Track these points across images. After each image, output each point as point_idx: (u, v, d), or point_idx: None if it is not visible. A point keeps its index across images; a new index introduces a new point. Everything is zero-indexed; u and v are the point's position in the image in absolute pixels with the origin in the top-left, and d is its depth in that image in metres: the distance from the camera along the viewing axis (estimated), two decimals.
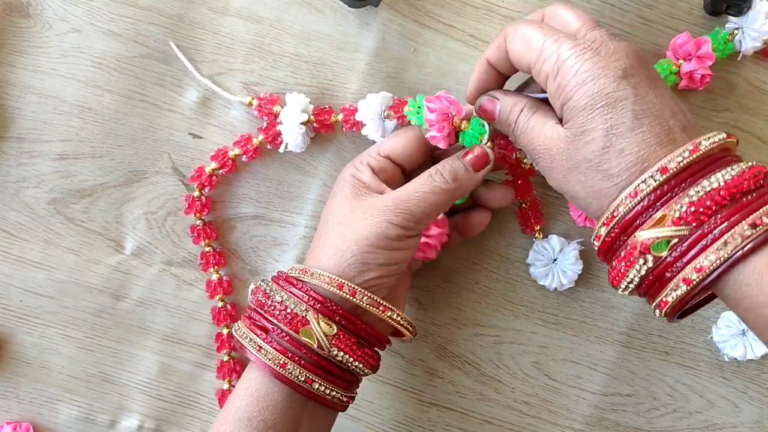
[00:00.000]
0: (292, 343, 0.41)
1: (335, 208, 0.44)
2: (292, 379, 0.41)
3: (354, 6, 0.48)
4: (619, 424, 0.52)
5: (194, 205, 0.50)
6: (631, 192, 0.37)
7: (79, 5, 0.49)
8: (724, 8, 0.48)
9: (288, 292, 0.42)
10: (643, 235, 0.36)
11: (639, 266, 0.37)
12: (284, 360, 0.41)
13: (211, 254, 0.50)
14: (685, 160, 0.36)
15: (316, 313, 0.41)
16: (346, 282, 0.41)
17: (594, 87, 0.38)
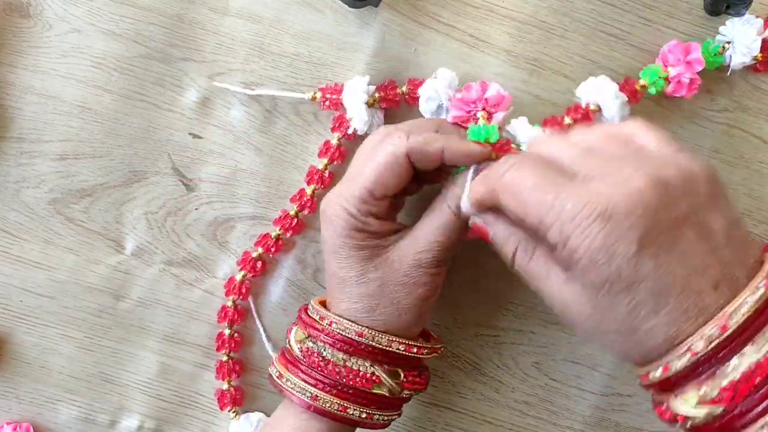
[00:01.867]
0: (363, 394, 0.42)
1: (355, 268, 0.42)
2: (354, 418, 0.43)
3: (354, 6, 0.48)
4: (619, 424, 0.52)
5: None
6: (663, 366, 0.34)
7: (79, 5, 0.49)
8: (724, 8, 0.48)
9: (347, 353, 0.42)
10: (678, 407, 0.34)
11: (678, 427, 0.35)
12: (345, 405, 0.42)
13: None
14: (714, 341, 0.33)
15: (381, 366, 0.42)
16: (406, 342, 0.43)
17: (609, 269, 0.33)
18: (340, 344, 0.42)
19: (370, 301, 0.42)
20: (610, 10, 0.49)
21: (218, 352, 0.51)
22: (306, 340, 0.43)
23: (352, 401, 0.42)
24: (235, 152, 0.50)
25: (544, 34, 0.49)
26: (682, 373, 0.34)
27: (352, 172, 0.43)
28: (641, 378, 0.36)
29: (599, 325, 0.35)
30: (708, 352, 0.33)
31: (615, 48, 0.49)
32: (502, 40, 0.49)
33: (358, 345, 0.42)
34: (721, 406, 0.33)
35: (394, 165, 0.41)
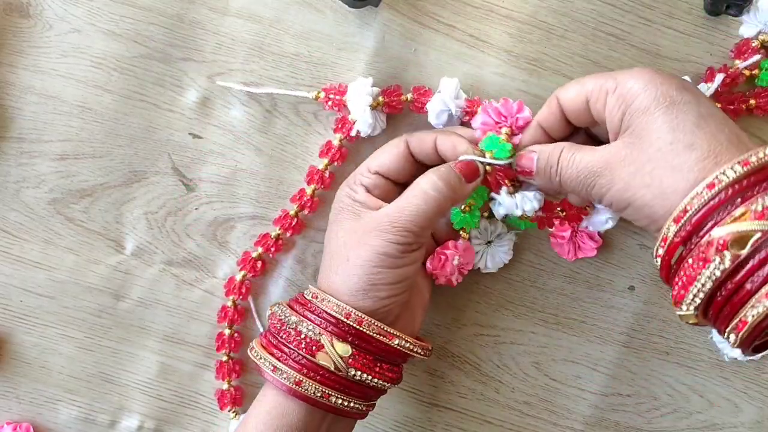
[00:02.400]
0: (309, 365, 0.42)
1: (336, 230, 0.44)
2: (309, 395, 0.41)
3: (354, 6, 0.48)
4: (619, 424, 0.52)
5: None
6: (708, 182, 0.33)
7: (79, 5, 0.49)
8: (724, 8, 0.48)
9: (301, 316, 0.42)
10: (720, 232, 0.32)
11: (714, 266, 0.32)
12: (300, 378, 0.41)
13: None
14: (767, 157, 0.33)
15: (330, 336, 0.41)
16: (353, 311, 0.42)
17: (657, 91, 0.38)
18: (298, 306, 0.43)
19: (333, 261, 0.43)
20: (610, 10, 0.49)
21: (218, 352, 0.51)
22: (275, 306, 0.45)
23: (306, 374, 0.41)
24: (235, 152, 0.50)
25: (544, 34, 0.49)
26: (731, 189, 0.33)
27: None
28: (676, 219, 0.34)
29: (641, 154, 0.37)
30: (761, 165, 0.33)
31: (615, 48, 0.49)
32: (502, 40, 0.49)
33: (311, 308, 0.42)
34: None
35: (391, 147, 0.46)
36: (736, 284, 0.31)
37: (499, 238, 0.49)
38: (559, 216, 0.48)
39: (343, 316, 0.42)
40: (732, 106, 0.48)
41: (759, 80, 0.48)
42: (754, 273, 0.31)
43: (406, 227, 0.42)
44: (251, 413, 0.44)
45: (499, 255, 0.49)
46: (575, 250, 0.49)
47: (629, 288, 0.51)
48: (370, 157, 0.46)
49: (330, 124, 0.50)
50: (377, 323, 0.42)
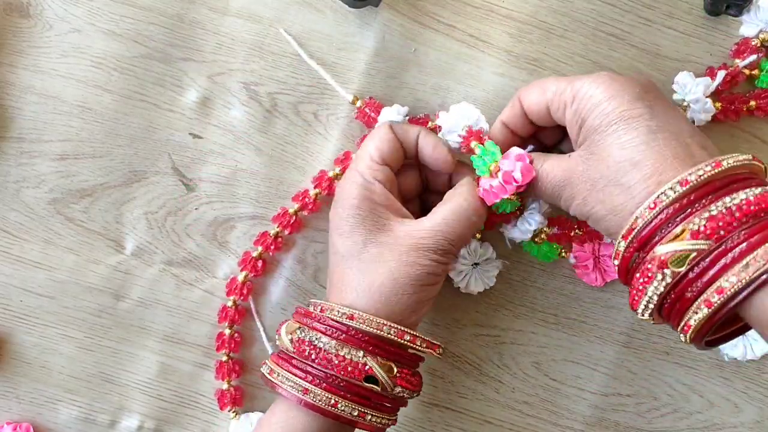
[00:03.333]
0: (348, 386, 0.41)
1: (363, 241, 0.42)
2: (345, 416, 0.41)
3: (354, 6, 0.48)
4: (619, 424, 0.52)
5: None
6: (650, 204, 0.36)
7: (79, 5, 0.49)
8: (724, 8, 0.48)
9: (338, 340, 0.41)
10: (662, 250, 0.35)
11: (657, 282, 0.35)
12: (336, 399, 0.41)
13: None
14: (706, 174, 0.35)
15: (375, 357, 0.41)
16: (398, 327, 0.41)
17: (609, 107, 0.38)
18: (332, 330, 0.41)
19: (368, 276, 0.42)
20: (610, 10, 0.49)
21: (218, 352, 0.51)
22: (297, 330, 0.42)
23: (343, 396, 0.41)
24: (235, 152, 0.50)
25: (544, 34, 0.49)
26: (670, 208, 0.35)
27: None
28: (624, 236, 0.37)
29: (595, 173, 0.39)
30: (699, 185, 0.35)
31: (615, 48, 0.49)
32: (502, 40, 0.49)
33: (349, 330, 0.41)
34: (707, 241, 0.34)
35: (385, 133, 0.45)
36: (677, 294, 0.35)
37: (486, 262, 0.49)
38: (576, 237, 0.49)
39: (394, 335, 0.41)
40: (732, 106, 0.48)
41: (759, 81, 0.48)
42: (691, 285, 0.35)
43: (451, 250, 0.43)
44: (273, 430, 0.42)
45: (484, 279, 0.49)
46: (602, 275, 0.49)
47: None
48: (369, 146, 0.44)
49: (330, 124, 0.50)
50: (415, 335, 0.42)
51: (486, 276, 0.49)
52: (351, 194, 0.43)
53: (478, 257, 0.49)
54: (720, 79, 0.47)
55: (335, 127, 0.50)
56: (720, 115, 0.48)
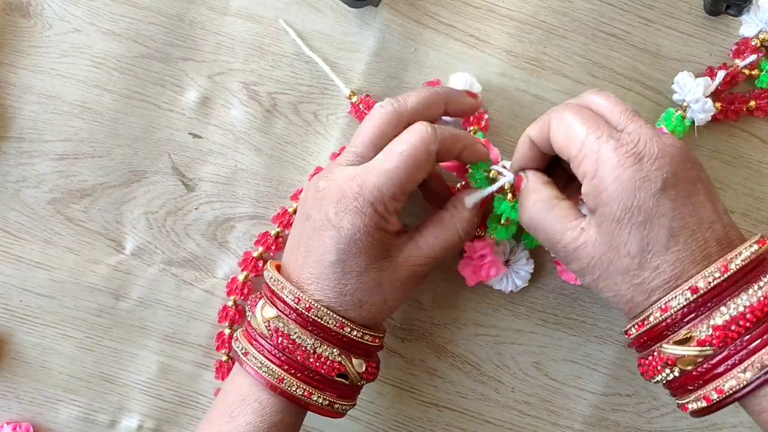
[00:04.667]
0: (321, 379, 0.42)
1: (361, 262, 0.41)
2: (316, 405, 0.42)
3: (354, 6, 0.48)
4: (619, 424, 0.52)
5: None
6: (662, 306, 0.38)
7: (79, 5, 0.49)
8: (724, 8, 0.48)
9: (319, 338, 0.42)
10: (669, 350, 0.38)
11: (666, 374, 0.39)
12: (310, 390, 0.42)
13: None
14: (715, 280, 0.37)
15: (349, 354, 0.42)
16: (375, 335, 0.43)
17: (632, 200, 0.37)
18: (314, 328, 0.41)
19: (362, 296, 0.42)
20: (610, 10, 0.49)
21: (218, 352, 0.51)
22: (275, 319, 0.42)
23: (316, 387, 0.42)
24: (235, 152, 0.50)
25: (544, 34, 0.49)
26: (680, 312, 0.37)
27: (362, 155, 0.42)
28: (636, 327, 0.39)
29: (609, 265, 0.38)
30: (708, 291, 0.37)
31: (615, 48, 0.49)
32: (502, 40, 0.49)
33: (330, 332, 0.42)
34: (712, 347, 0.37)
35: (427, 160, 0.41)
36: (680, 383, 0.39)
37: (513, 255, 0.49)
38: None
39: (369, 341, 0.43)
40: (732, 106, 0.48)
41: (759, 81, 0.48)
42: (694, 380, 0.38)
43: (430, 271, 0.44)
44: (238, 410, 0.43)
45: (522, 269, 0.49)
46: None
47: None
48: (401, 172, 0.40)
49: (330, 124, 0.50)
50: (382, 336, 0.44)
51: (523, 265, 0.49)
52: (366, 221, 0.41)
53: (506, 255, 0.49)
54: (720, 79, 0.47)
55: (335, 126, 0.50)
56: (720, 115, 0.48)
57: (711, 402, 0.38)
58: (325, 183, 0.42)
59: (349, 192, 0.40)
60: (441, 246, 0.43)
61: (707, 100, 0.47)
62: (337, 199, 0.41)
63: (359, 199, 0.40)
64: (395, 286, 0.43)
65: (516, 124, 0.49)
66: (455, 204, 0.44)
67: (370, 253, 0.41)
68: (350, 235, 0.40)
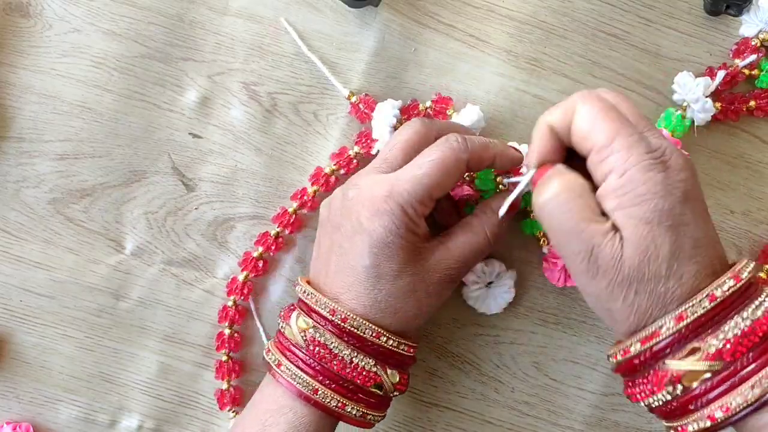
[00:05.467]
0: (356, 389, 0.42)
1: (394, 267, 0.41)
2: (350, 416, 0.42)
3: (354, 6, 0.48)
4: (619, 424, 0.52)
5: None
6: (677, 316, 0.36)
7: (79, 5, 0.49)
8: (724, 8, 0.48)
9: (356, 348, 0.42)
10: (676, 365, 0.36)
11: (667, 392, 0.37)
12: (344, 401, 0.42)
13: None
14: (730, 289, 0.36)
15: (384, 366, 0.42)
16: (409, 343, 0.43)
17: (664, 204, 0.36)
18: (350, 339, 0.42)
19: (396, 303, 0.42)
20: (610, 10, 0.49)
21: (218, 352, 0.51)
22: (311, 329, 0.42)
23: (350, 398, 0.42)
24: (235, 152, 0.50)
25: (544, 34, 0.49)
26: (694, 323, 0.36)
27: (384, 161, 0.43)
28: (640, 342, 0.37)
29: (635, 269, 0.36)
30: (722, 300, 0.36)
31: (615, 48, 0.49)
32: (502, 40, 0.49)
33: (366, 342, 0.42)
34: (722, 362, 0.35)
35: (457, 168, 0.41)
36: (681, 404, 0.37)
37: (498, 278, 0.49)
38: None
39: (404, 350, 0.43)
40: (732, 106, 0.48)
41: (759, 81, 0.48)
42: (697, 399, 0.36)
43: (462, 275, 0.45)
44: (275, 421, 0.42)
45: (501, 296, 0.49)
46: (565, 278, 0.49)
47: None
48: (430, 178, 0.41)
49: (329, 124, 0.50)
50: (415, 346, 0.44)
51: (503, 291, 0.49)
52: (396, 223, 0.41)
53: (489, 276, 0.49)
54: (720, 79, 0.47)
55: (335, 126, 0.50)
56: (720, 115, 0.48)
57: (716, 421, 0.36)
58: (354, 192, 0.42)
59: (379, 195, 0.41)
60: (471, 250, 0.44)
61: (707, 100, 0.47)
62: (368, 204, 0.41)
63: (389, 202, 0.41)
64: (428, 292, 0.43)
65: (516, 124, 0.49)
66: (484, 209, 0.45)
67: (403, 257, 0.41)
68: (382, 238, 0.41)
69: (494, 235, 0.44)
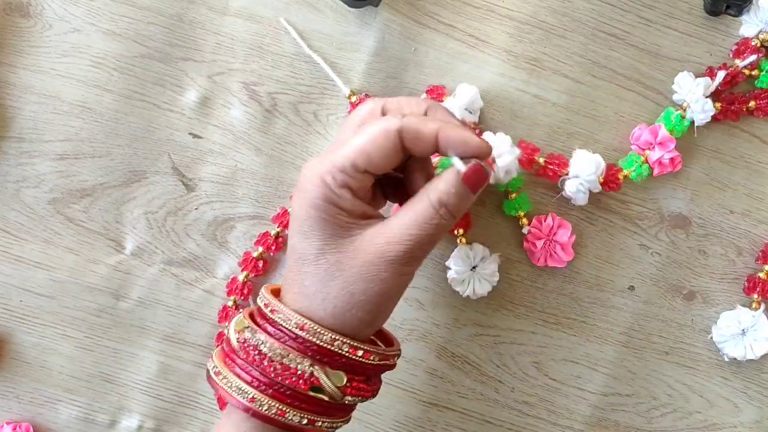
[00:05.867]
0: (297, 395, 0.38)
1: (320, 247, 0.38)
2: (293, 424, 0.38)
3: (354, 6, 0.48)
4: (619, 424, 0.52)
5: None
6: None
7: (79, 5, 0.49)
8: (724, 8, 0.48)
9: (288, 348, 0.38)
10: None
11: None
12: (283, 408, 0.38)
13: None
14: None
15: (323, 366, 0.38)
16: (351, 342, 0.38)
17: None
18: (280, 336, 0.38)
19: (323, 287, 0.38)
20: (610, 10, 0.49)
21: None
22: (245, 329, 0.39)
23: (290, 404, 0.38)
24: (235, 152, 0.50)
25: (544, 34, 0.49)
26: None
27: (336, 144, 0.39)
28: None
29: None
30: None
31: (615, 48, 0.49)
32: (502, 40, 0.49)
33: (297, 339, 0.37)
34: None
35: (384, 140, 0.37)
36: None
37: (482, 262, 0.49)
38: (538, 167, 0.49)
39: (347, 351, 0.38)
40: (732, 106, 0.48)
41: (759, 81, 0.48)
42: None
43: (420, 257, 0.38)
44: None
45: (485, 279, 0.49)
46: (546, 257, 0.49)
47: (629, 288, 0.51)
48: (354, 147, 0.37)
49: (330, 124, 0.50)
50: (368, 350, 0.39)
51: (488, 275, 0.49)
52: (314, 193, 0.37)
53: (473, 260, 0.49)
54: (720, 80, 0.47)
55: (335, 127, 0.50)
56: (720, 115, 0.48)
57: None
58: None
59: (302, 173, 0.38)
60: (416, 223, 0.37)
61: (707, 100, 0.47)
62: (298, 184, 0.39)
63: (307, 176, 0.38)
64: (361, 272, 0.37)
65: (516, 124, 0.49)
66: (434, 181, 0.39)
67: (322, 233, 0.37)
68: (302, 213, 0.38)
69: (440, 202, 0.37)
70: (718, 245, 0.50)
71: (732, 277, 0.50)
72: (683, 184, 0.50)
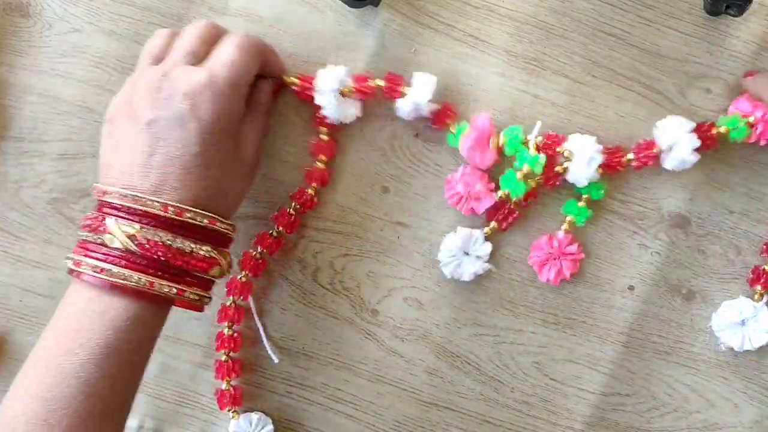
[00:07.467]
0: (131, 258, 0.41)
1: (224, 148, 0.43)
2: (132, 285, 0.40)
3: (354, 6, 0.48)
4: (618, 424, 0.52)
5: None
6: None
7: (79, 5, 0.49)
8: (724, 8, 0.48)
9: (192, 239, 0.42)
10: None
11: None
12: (182, 287, 0.42)
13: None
14: None
15: (219, 249, 0.43)
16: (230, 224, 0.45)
17: None
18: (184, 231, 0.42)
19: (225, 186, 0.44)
20: (610, 10, 0.49)
21: (218, 352, 0.51)
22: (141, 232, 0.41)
23: (188, 284, 0.42)
24: None
25: (544, 34, 0.49)
26: None
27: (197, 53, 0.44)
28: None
29: None
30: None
31: (615, 48, 0.49)
32: (502, 40, 0.49)
33: (205, 230, 0.43)
34: None
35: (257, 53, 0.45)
36: None
37: (475, 244, 0.49)
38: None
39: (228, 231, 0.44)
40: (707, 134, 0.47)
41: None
42: None
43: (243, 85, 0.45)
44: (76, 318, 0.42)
45: (476, 264, 0.49)
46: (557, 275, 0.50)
47: (629, 288, 0.51)
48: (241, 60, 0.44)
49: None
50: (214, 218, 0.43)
51: (479, 260, 0.49)
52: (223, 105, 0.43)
53: (466, 246, 0.49)
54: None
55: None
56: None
57: None
58: (168, 83, 0.42)
59: (201, 83, 0.42)
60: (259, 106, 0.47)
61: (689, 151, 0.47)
62: (191, 93, 0.42)
63: (214, 88, 0.42)
64: (250, 167, 0.46)
65: (515, 124, 0.49)
66: None
67: (230, 139, 0.43)
68: (212, 122, 0.42)
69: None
70: (717, 245, 0.50)
71: (731, 276, 0.50)
72: (683, 183, 0.50)
